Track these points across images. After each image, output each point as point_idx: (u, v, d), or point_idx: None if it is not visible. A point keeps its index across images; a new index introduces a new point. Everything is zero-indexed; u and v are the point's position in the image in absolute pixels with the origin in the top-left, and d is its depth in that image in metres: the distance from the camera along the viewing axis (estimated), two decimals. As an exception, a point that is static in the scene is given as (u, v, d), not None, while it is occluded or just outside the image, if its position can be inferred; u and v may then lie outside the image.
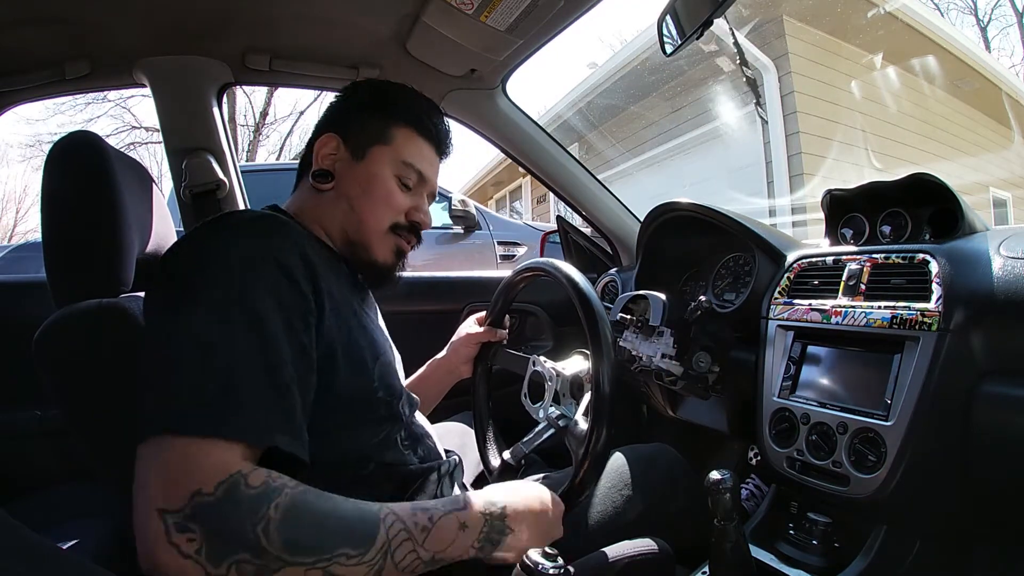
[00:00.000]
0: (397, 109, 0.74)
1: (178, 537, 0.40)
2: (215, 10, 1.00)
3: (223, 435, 0.44)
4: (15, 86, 1.10)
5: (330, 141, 0.72)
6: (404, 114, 0.74)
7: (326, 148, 0.72)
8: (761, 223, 1.10)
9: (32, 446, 1.11)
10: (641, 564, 0.70)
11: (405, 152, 0.73)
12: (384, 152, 0.72)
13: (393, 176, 0.72)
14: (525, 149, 1.43)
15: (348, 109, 0.75)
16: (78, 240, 0.60)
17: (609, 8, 11.32)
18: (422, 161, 0.74)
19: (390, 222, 0.72)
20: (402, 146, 0.73)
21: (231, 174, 1.25)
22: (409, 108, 0.74)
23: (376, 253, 0.72)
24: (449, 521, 0.51)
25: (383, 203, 0.71)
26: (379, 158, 0.71)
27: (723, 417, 1.09)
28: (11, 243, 7.28)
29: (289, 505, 0.43)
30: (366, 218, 0.71)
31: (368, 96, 0.75)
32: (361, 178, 0.71)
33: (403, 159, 0.72)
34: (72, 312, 0.55)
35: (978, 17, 11.20)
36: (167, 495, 0.41)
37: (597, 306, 0.68)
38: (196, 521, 0.40)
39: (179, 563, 0.39)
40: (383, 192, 0.71)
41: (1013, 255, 0.74)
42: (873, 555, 0.73)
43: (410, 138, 0.73)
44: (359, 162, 0.71)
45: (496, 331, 0.97)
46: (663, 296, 0.99)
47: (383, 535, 0.46)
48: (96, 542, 0.90)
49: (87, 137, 0.61)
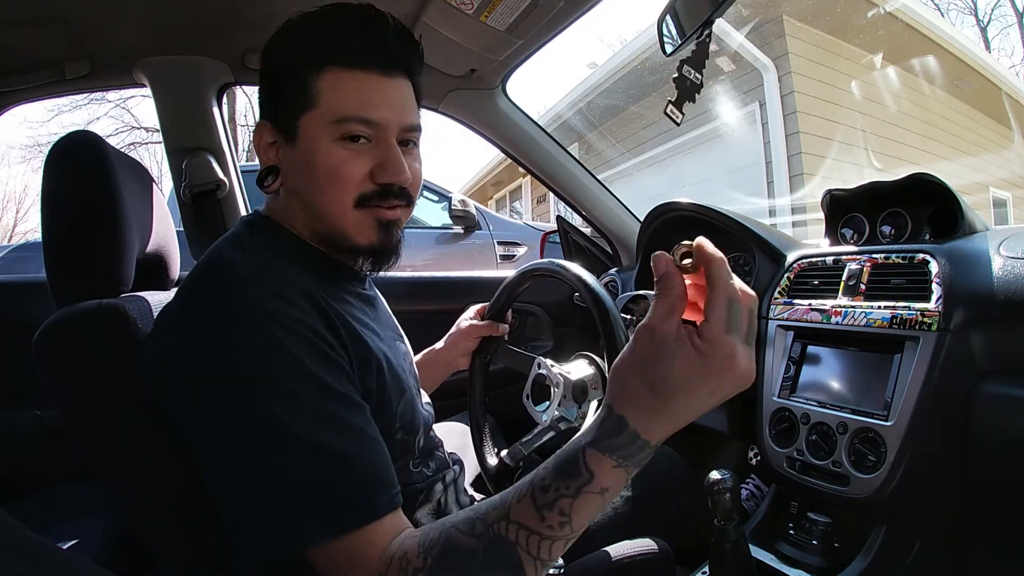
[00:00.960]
0: (308, 55, 0.56)
1: None
2: (215, 10, 1.00)
3: (366, 522, 0.45)
4: (15, 86, 1.10)
5: (262, 131, 0.59)
6: (317, 56, 0.55)
7: (262, 140, 0.59)
8: (761, 223, 1.10)
9: (32, 446, 1.11)
10: (641, 564, 0.70)
11: (336, 105, 0.55)
12: (312, 118, 0.56)
13: (333, 143, 0.56)
14: (525, 149, 1.43)
15: (265, 79, 0.60)
16: (78, 240, 0.60)
17: (609, 8, 11.34)
18: (362, 103, 0.56)
19: (352, 198, 0.57)
20: (329, 99, 0.55)
21: (231, 174, 1.25)
22: (318, 40, 0.56)
23: (356, 237, 0.59)
24: (588, 500, 0.42)
25: (331, 181, 0.56)
26: (311, 130, 0.56)
27: (723, 417, 1.09)
28: (11, 243, 7.28)
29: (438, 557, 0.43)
30: (323, 206, 0.58)
31: (277, 53, 0.58)
32: (300, 163, 0.57)
33: (335, 116, 0.55)
34: (72, 312, 0.55)
35: (978, 17, 11.21)
36: None
37: (611, 306, 0.66)
38: None
39: None
40: (326, 168, 0.56)
41: (1013, 255, 0.74)
42: (873, 555, 0.73)
43: (336, 82, 0.55)
44: (294, 144, 0.57)
45: (499, 326, 0.91)
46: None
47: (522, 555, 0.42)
48: (96, 542, 0.89)
49: (87, 137, 0.61)
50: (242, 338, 0.47)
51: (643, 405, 0.41)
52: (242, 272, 0.52)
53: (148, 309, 0.61)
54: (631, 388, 0.41)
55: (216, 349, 0.48)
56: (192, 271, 0.57)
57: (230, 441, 0.46)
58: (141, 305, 0.60)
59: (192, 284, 0.55)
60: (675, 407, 0.40)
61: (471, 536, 0.43)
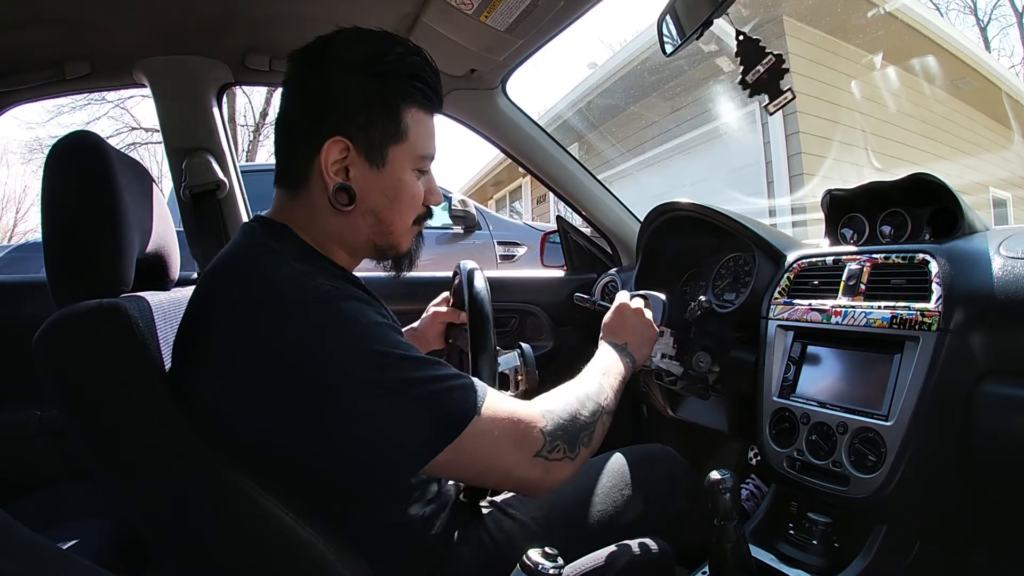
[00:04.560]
0: (404, 90, 0.62)
1: (553, 455, 0.60)
2: (215, 10, 1.00)
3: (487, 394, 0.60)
4: (15, 86, 1.10)
5: (336, 147, 0.61)
6: (412, 94, 0.63)
7: (333, 155, 0.61)
8: (761, 223, 1.10)
9: (32, 446, 1.11)
10: (641, 564, 0.70)
11: (421, 143, 0.65)
12: (402, 151, 0.63)
13: (412, 172, 0.66)
14: (525, 149, 1.43)
15: (342, 95, 0.61)
16: (78, 240, 0.60)
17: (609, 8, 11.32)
18: (432, 142, 0.67)
19: (413, 217, 0.68)
20: (416, 136, 0.64)
21: (231, 174, 1.25)
22: (416, 86, 0.63)
23: (403, 246, 0.70)
24: (622, 371, 0.78)
25: (409, 206, 0.67)
26: (399, 161, 0.64)
27: (723, 417, 1.09)
28: (11, 243, 7.28)
29: (574, 397, 0.66)
30: (395, 224, 0.66)
31: (363, 74, 0.61)
32: (386, 187, 0.64)
33: (420, 152, 0.65)
34: (73, 312, 0.55)
35: (978, 17, 11.21)
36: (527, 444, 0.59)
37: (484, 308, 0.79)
38: (556, 440, 0.60)
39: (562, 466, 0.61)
40: (409, 196, 0.66)
41: (1013, 255, 0.74)
42: (873, 555, 0.73)
43: (420, 122, 0.64)
44: (381, 170, 0.63)
45: (460, 313, 1.02)
46: (663, 296, 0.99)
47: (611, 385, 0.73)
48: (96, 542, 0.89)
49: (87, 137, 0.61)
50: (338, 315, 0.55)
51: (620, 335, 0.85)
52: (299, 275, 0.57)
53: (148, 309, 0.61)
54: (615, 330, 0.85)
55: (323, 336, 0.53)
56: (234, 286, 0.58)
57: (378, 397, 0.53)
58: (142, 305, 0.60)
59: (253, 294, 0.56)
60: (628, 335, 0.84)
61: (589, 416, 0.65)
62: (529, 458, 0.58)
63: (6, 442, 1.11)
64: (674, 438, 1.37)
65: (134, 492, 0.58)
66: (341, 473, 0.58)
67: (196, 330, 0.59)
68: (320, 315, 0.54)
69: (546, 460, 0.59)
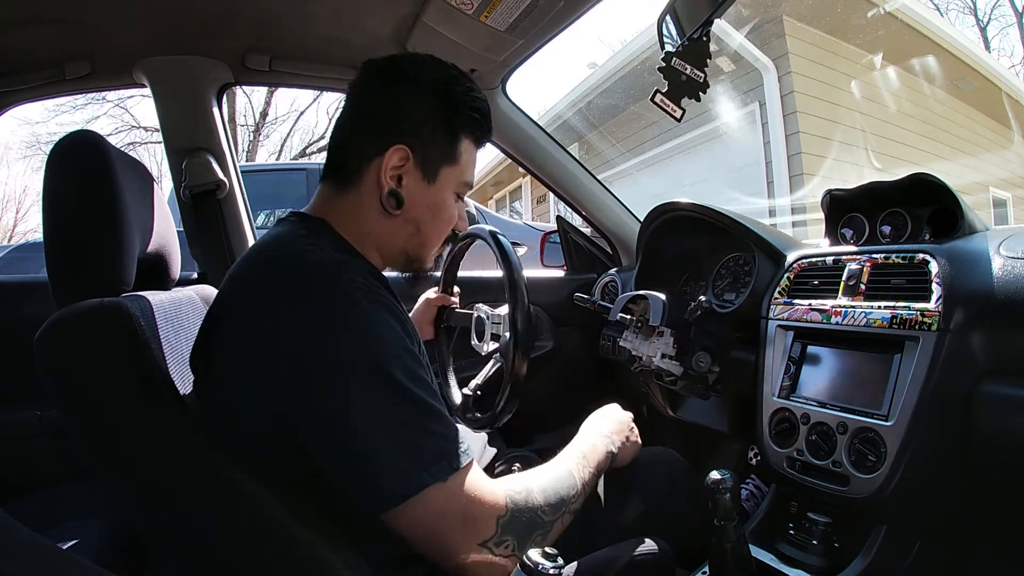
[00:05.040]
0: (467, 121, 0.68)
1: (499, 550, 0.57)
2: (215, 10, 1.00)
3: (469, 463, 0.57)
4: (15, 86, 1.10)
5: (399, 154, 0.64)
6: (472, 126, 0.69)
7: (393, 161, 0.64)
8: (761, 223, 1.10)
9: (32, 446, 1.11)
10: (642, 564, 0.70)
11: (467, 170, 0.71)
12: (452, 173, 0.69)
13: (453, 194, 0.71)
14: (525, 149, 1.43)
15: (414, 111, 0.66)
16: (80, 239, 0.60)
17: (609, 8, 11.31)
18: (473, 172, 0.73)
19: (444, 236, 0.74)
20: (465, 164, 0.70)
21: (231, 174, 1.25)
22: (476, 120, 0.69)
23: (427, 264, 0.74)
24: (601, 459, 0.74)
25: (446, 225, 0.72)
26: (447, 181, 0.68)
27: (723, 417, 1.09)
28: (11, 243, 7.28)
29: (542, 490, 0.62)
30: (430, 239, 0.71)
31: (440, 99, 0.67)
32: (432, 203, 0.68)
33: (463, 179, 0.71)
34: (73, 311, 0.55)
35: (978, 17, 11.20)
36: (480, 531, 0.56)
37: (514, 259, 0.87)
38: (507, 535, 0.57)
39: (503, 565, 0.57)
40: (447, 216, 0.71)
41: (1013, 255, 0.74)
42: (873, 555, 0.73)
43: (469, 151, 0.70)
44: (431, 185, 0.67)
45: (449, 297, 1.10)
46: (663, 296, 0.99)
47: (582, 479, 0.67)
48: (96, 542, 0.89)
49: (89, 136, 0.61)
50: (361, 316, 0.55)
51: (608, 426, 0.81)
52: (334, 263, 0.59)
53: (150, 308, 0.61)
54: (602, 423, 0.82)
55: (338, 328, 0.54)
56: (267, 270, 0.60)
57: (366, 403, 0.53)
58: (143, 304, 0.60)
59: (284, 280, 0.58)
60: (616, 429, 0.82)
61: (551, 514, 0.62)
62: (474, 544, 0.56)
63: (6, 442, 1.10)
64: (674, 438, 1.37)
65: (134, 492, 0.58)
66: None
67: (222, 317, 0.61)
68: (347, 308, 0.55)
69: (490, 552, 0.56)
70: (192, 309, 0.77)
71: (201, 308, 0.82)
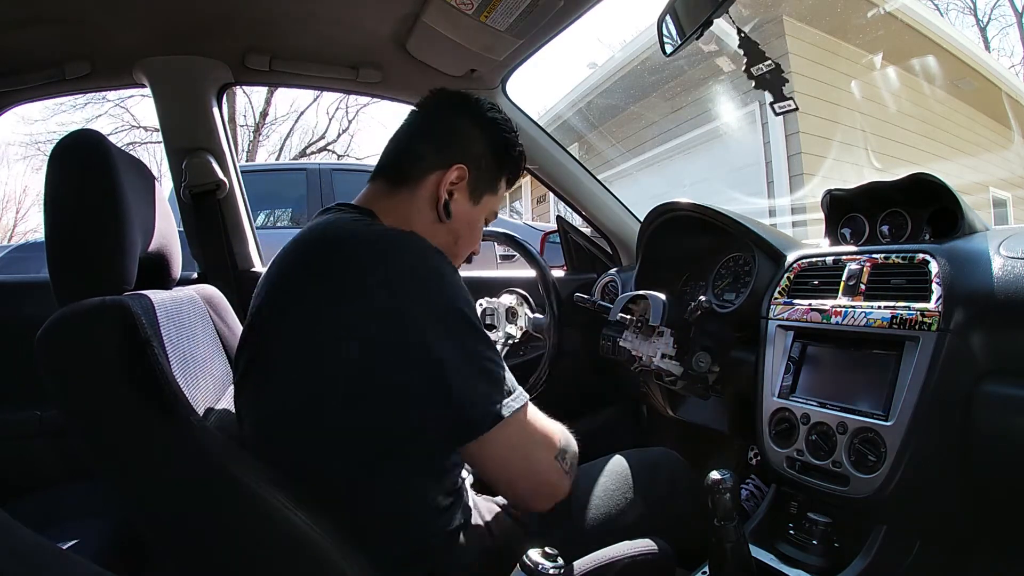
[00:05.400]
0: (511, 162, 0.81)
1: (564, 464, 0.67)
2: (215, 10, 1.00)
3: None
4: (15, 86, 1.10)
5: (457, 172, 0.74)
6: (513, 168, 0.82)
7: (452, 176, 0.74)
8: (761, 223, 1.10)
9: (32, 446, 1.11)
10: (642, 564, 0.70)
11: (498, 202, 0.83)
12: (490, 201, 0.80)
13: (484, 220, 0.81)
14: (525, 149, 1.42)
15: (478, 144, 0.77)
16: (81, 238, 0.60)
17: (609, 8, 11.29)
18: (499, 206, 0.84)
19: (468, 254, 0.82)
20: (500, 197, 0.82)
21: (231, 174, 1.25)
22: (517, 164, 0.82)
23: None
24: None
25: (475, 244, 0.81)
26: (486, 206, 0.80)
27: (723, 417, 1.09)
28: (11, 243, 7.28)
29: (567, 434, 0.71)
30: (460, 251, 0.79)
31: (496, 138, 0.79)
32: (471, 221, 0.78)
33: (495, 208, 0.82)
34: (75, 310, 0.55)
35: (978, 17, 11.20)
36: (552, 447, 0.66)
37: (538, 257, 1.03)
38: (566, 449, 0.68)
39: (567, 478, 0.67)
40: (477, 235, 0.81)
41: (1013, 255, 0.74)
42: (873, 555, 0.73)
43: (503, 188, 0.82)
44: (474, 206, 0.78)
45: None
46: (663, 296, 0.99)
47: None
48: (96, 542, 0.89)
49: (90, 136, 0.61)
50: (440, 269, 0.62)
51: None
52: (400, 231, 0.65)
53: (151, 307, 0.61)
54: None
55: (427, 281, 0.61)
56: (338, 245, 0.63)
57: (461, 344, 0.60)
58: (144, 303, 0.60)
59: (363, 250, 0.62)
60: None
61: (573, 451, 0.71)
62: (551, 458, 0.65)
63: (6, 442, 1.10)
64: (674, 438, 1.37)
65: (134, 492, 0.58)
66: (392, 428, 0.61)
67: (283, 301, 0.64)
68: (428, 264, 0.62)
69: (561, 465, 0.66)
70: (193, 309, 0.77)
71: (202, 308, 0.82)
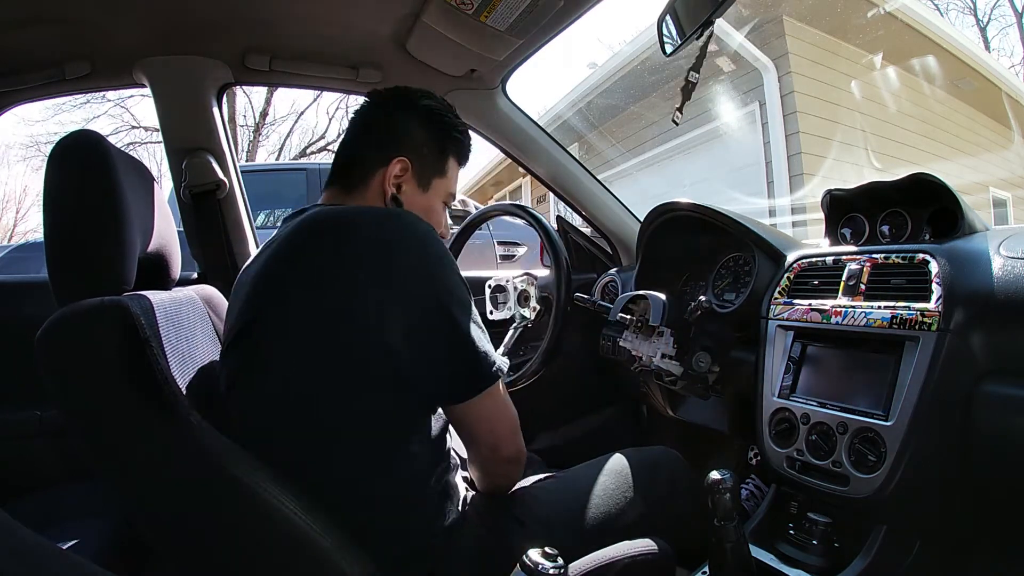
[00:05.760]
0: (454, 143, 0.82)
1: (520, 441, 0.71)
2: (215, 10, 1.00)
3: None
4: (15, 86, 1.10)
5: (400, 164, 0.76)
6: (457, 148, 0.83)
7: (396, 170, 0.76)
8: (761, 223, 1.10)
9: (32, 446, 1.11)
10: (642, 564, 0.70)
11: (452, 183, 0.84)
12: (441, 184, 0.82)
13: (440, 202, 0.83)
14: (525, 149, 1.43)
15: (414, 133, 0.79)
16: (80, 239, 0.60)
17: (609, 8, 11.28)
18: (456, 186, 0.86)
19: None
20: (451, 178, 0.83)
21: (231, 174, 1.25)
22: (462, 142, 0.83)
23: None
24: None
25: (437, 227, 0.80)
26: (438, 190, 0.81)
27: (723, 417, 1.09)
28: (11, 243, 7.28)
29: None
30: None
31: (433, 123, 0.80)
32: (426, 208, 0.79)
33: (450, 189, 0.83)
34: (74, 310, 0.55)
35: (978, 17, 11.20)
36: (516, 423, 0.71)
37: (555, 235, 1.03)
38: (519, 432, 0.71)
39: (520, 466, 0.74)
40: (436, 219, 0.82)
41: (1013, 255, 0.74)
42: (873, 555, 0.73)
43: (455, 169, 0.84)
44: (424, 192, 0.80)
45: None
46: (663, 296, 0.99)
47: None
48: (96, 542, 0.89)
49: (89, 136, 0.61)
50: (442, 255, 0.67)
51: None
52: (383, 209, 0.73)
53: (150, 307, 0.61)
54: None
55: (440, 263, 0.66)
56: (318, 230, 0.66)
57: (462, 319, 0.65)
58: (143, 303, 0.60)
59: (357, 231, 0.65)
60: None
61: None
62: (516, 434, 0.70)
63: (6, 442, 1.10)
64: (674, 438, 1.37)
65: (134, 492, 0.58)
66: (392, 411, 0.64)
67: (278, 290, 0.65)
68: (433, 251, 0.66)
69: (521, 440, 0.71)
70: (192, 309, 0.77)
71: (201, 308, 0.82)
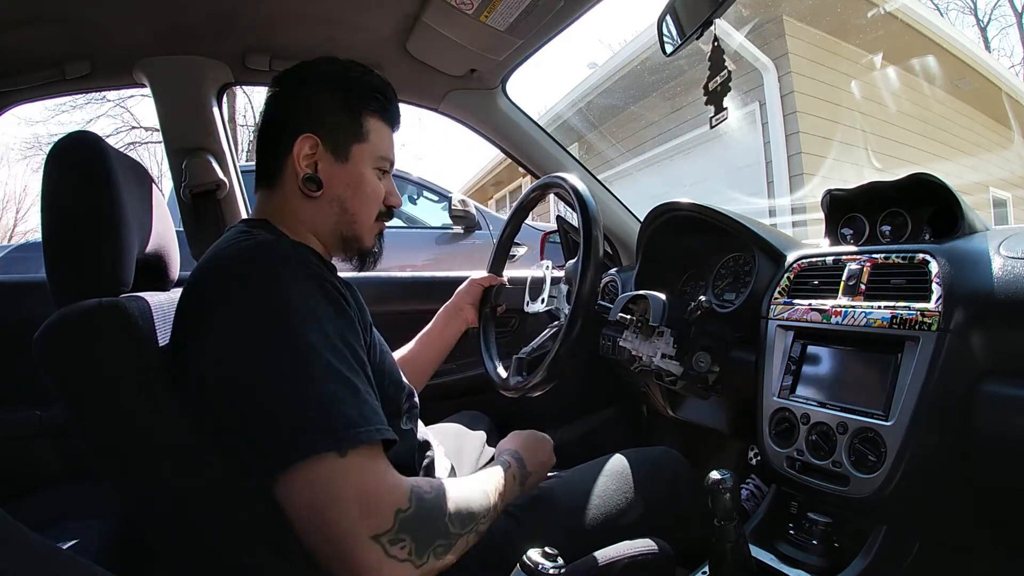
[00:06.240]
0: (364, 100, 0.74)
1: (393, 550, 0.51)
2: (215, 10, 1.00)
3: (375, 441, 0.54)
4: (15, 86, 1.10)
5: (307, 142, 0.70)
6: (372, 104, 0.74)
7: (302, 150, 0.70)
8: (761, 223, 1.10)
9: (32, 446, 1.11)
10: (642, 564, 0.70)
11: (380, 146, 0.75)
12: (364, 150, 0.74)
13: (373, 170, 0.75)
14: (525, 149, 1.43)
15: (312, 103, 0.72)
16: (78, 240, 0.60)
17: (609, 8, 11.27)
18: (391, 148, 0.78)
19: (376, 212, 0.77)
20: (376, 140, 0.75)
21: (231, 174, 1.25)
22: (375, 97, 0.75)
23: (366, 242, 0.78)
24: (510, 478, 0.71)
25: (371, 199, 0.75)
26: (361, 158, 0.73)
27: (723, 417, 1.09)
28: (11, 243, 7.28)
29: (454, 499, 0.58)
30: (359, 216, 0.75)
31: (336, 86, 0.73)
32: (350, 179, 0.73)
33: (379, 153, 0.75)
34: (73, 311, 0.55)
35: (978, 17, 11.21)
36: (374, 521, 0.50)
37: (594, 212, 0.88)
38: (405, 533, 0.51)
39: (399, 568, 0.51)
40: (370, 190, 0.75)
41: (1013, 255, 0.74)
42: (873, 555, 0.73)
43: (380, 129, 0.75)
44: (344, 163, 0.73)
45: (497, 277, 1.15)
46: (663, 296, 0.99)
47: (495, 501, 0.65)
48: (96, 542, 0.89)
49: (87, 137, 0.62)
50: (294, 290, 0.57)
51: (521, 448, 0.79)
52: (280, 249, 0.62)
53: (148, 309, 0.61)
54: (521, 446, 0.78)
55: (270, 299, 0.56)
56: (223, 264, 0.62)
57: (276, 361, 0.53)
58: (141, 305, 0.60)
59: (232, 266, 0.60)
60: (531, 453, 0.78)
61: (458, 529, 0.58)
62: (367, 535, 0.49)
63: (6, 442, 1.10)
64: (674, 438, 1.37)
65: (135, 491, 0.58)
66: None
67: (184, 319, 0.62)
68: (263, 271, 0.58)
69: (383, 550, 0.50)
70: (192, 309, 0.77)
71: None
